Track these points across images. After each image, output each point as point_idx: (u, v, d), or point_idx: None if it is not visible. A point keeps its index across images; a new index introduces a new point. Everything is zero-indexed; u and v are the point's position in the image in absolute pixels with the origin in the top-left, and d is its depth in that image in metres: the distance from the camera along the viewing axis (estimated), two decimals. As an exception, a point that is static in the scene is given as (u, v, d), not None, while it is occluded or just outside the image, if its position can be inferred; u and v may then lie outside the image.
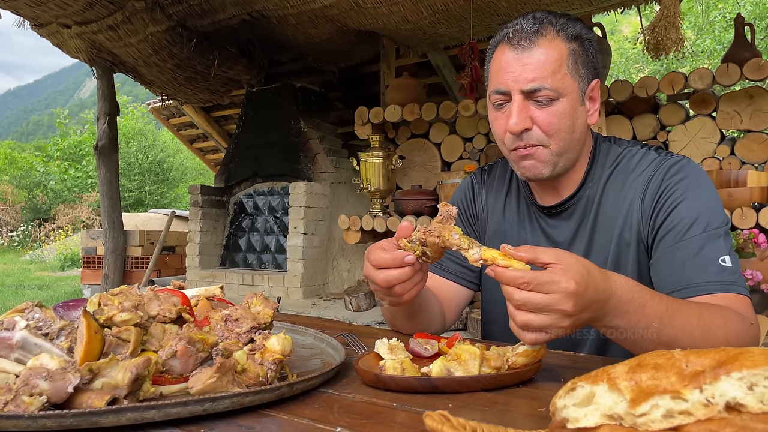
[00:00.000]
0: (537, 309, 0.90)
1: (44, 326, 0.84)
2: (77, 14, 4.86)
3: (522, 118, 1.22)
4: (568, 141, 1.26)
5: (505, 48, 1.26)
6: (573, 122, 1.25)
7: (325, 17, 4.90)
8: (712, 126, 3.81)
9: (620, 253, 1.30)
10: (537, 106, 1.23)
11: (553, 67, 1.21)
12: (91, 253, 7.58)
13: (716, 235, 1.18)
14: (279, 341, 0.90)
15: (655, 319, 1.00)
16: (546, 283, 0.89)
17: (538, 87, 1.21)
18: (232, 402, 0.78)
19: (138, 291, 0.97)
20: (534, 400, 0.88)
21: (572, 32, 1.25)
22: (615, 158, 1.36)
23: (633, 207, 1.29)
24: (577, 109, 1.26)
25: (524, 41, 1.23)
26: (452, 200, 1.61)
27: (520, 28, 1.24)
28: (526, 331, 0.92)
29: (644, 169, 1.30)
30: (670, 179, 1.25)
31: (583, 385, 0.58)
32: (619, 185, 1.33)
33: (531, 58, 1.22)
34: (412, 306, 1.28)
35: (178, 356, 0.84)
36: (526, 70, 1.22)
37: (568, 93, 1.23)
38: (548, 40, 1.23)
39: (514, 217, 1.47)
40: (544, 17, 1.25)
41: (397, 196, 4.57)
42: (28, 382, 0.73)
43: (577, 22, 1.28)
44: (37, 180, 22.94)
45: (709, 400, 0.52)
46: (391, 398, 0.88)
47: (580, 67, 1.26)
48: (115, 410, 0.71)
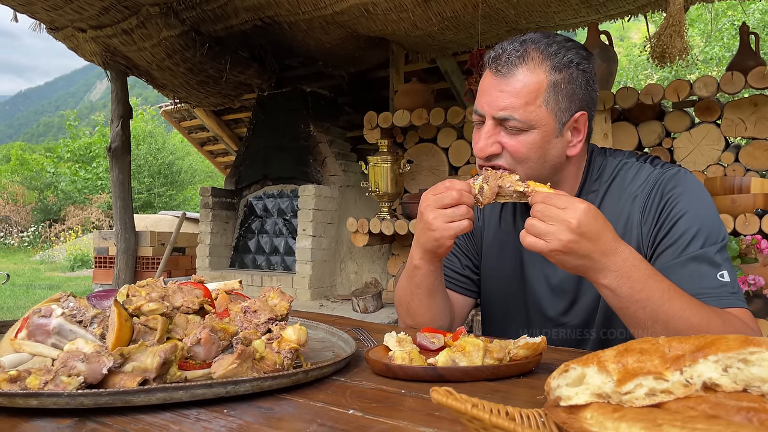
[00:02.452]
0: (546, 218, 1.03)
1: (78, 314, 0.91)
2: (92, 18, 4.94)
3: (489, 143, 1.25)
4: (538, 170, 1.27)
5: (489, 70, 1.27)
6: (543, 153, 1.25)
7: (335, 23, 4.97)
8: (717, 133, 3.85)
9: None
10: (506, 132, 1.24)
11: (527, 98, 1.21)
12: (103, 253, 7.68)
13: (714, 251, 1.20)
14: (295, 331, 0.96)
15: (656, 293, 1.05)
16: (563, 201, 1.04)
17: (507, 116, 1.21)
18: (252, 386, 0.84)
19: (163, 284, 1.03)
20: (533, 389, 0.94)
21: (561, 61, 1.23)
22: (611, 172, 1.38)
23: (632, 220, 1.31)
24: (551, 141, 1.25)
25: (504, 67, 1.22)
26: None
27: (504, 52, 1.24)
28: (529, 234, 1.06)
29: (642, 182, 1.32)
30: (671, 192, 1.27)
31: (575, 367, 0.64)
32: (616, 197, 1.35)
33: (507, 85, 1.22)
34: (434, 280, 1.36)
35: (202, 343, 0.90)
36: (500, 97, 1.22)
37: (540, 125, 1.22)
38: (529, 69, 1.21)
39: (510, 228, 1.50)
40: (534, 42, 1.24)
41: (404, 200, 4.63)
42: (67, 364, 0.79)
43: (572, 49, 1.26)
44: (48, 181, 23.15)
45: (688, 380, 0.58)
46: (400, 386, 0.94)
47: (561, 100, 1.23)
48: (146, 390, 0.78)
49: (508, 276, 1.50)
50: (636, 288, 1.04)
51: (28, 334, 0.88)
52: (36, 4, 4.66)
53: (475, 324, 4.31)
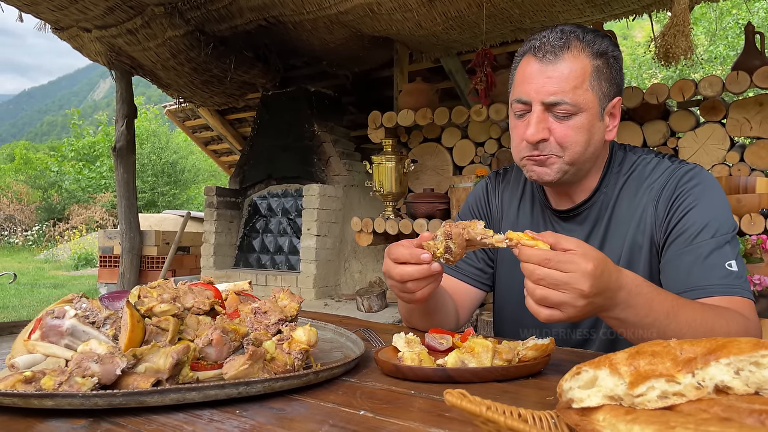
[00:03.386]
0: (555, 285, 0.96)
1: (91, 315, 0.92)
2: (97, 18, 4.96)
3: (539, 129, 1.26)
4: (581, 154, 1.30)
5: (530, 59, 1.29)
6: (589, 137, 1.28)
7: (340, 23, 4.98)
8: (722, 133, 3.85)
9: (632, 255, 1.35)
10: (555, 118, 1.26)
11: (575, 82, 1.24)
12: (107, 252, 7.70)
13: (724, 241, 1.23)
14: (305, 332, 0.96)
15: (661, 315, 1.06)
16: (566, 262, 0.96)
17: (558, 101, 1.24)
18: (264, 386, 0.85)
19: (174, 285, 1.04)
20: (542, 390, 0.94)
21: (598, 49, 1.27)
22: (630, 166, 1.40)
23: (646, 212, 1.34)
24: (595, 125, 1.29)
25: (549, 54, 1.25)
26: (466, 203, 1.66)
27: (547, 40, 1.27)
28: (542, 306, 0.98)
29: (658, 176, 1.35)
30: (684, 186, 1.30)
31: (587, 370, 0.64)
32: (633, 191, 1.37)
33: (554, 71, 1.25)
34: (428, 305, 1.35)
35: (214, 344, 0.91)
36: (548, 83, 1.25)
37: (587, 108, 1.26)
38: (573, 55, 1.25)
39: (528, 219, 1.51)
40: (572, 32, 1.28)
41: (409, 199, 4.63)
42: (81, 365, 0.80)
43: (605, 38, 1.31)
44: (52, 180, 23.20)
45: (700, 383, 0.58)
46: (409, 387, 0.94)
47: (603, 84, 1.28)
48: (160, 391, 0.78)
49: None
50: (642, 314, 1.05)
51: (41, 335, 0.89)
52: (41, 4, 4.67)
53: (480, 324, 4.31)
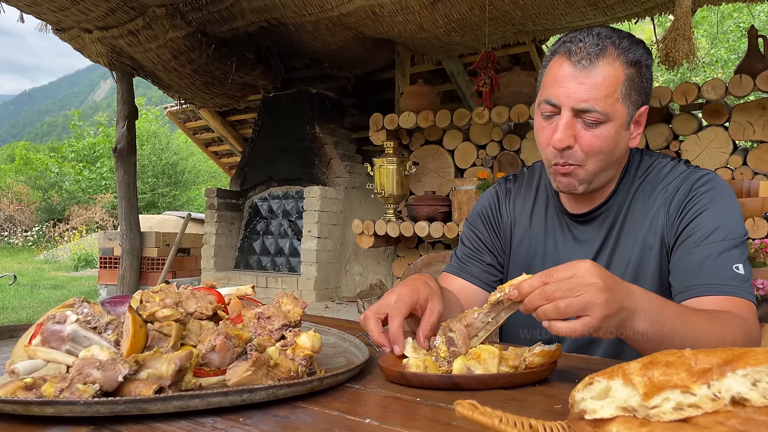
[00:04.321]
0: (570, 291, 0.92)
1: (93, 320, 0.90)
2: (99, 20, 4.95)
3: (566, 135, 1.24)
4: (606, 162, 1.28)
5: (563, 61, 1.26)
6: (614, 146, 1.27)
7: (341, 25, 4.97)
8: (725, 136, 3.84)
9: (643, 256, 1.34)
10: (583, 125, 1.25)
11: (608, 91, 1.22)
12: (107, 253, 7.68)
13: (733, 245, 1.23)
14: (309, 338, 0.95)
15: (677, 321, 1.04)
16: (565, 269, 0.94)
17: (589, 108, 1.22)
18: (268, 393, 0.83)
19: (176, 289, 1.03)
20: (550, 397, 0.93)
21: (633, 57, 1.25)
22: (646, 169, 1.40)
23: (659, 213, 1.33)
24: (621, 134, 1.27)
25: (584, 60, 1.23)
26: (475, 211, 1.64)
27: (583, 45, 1.24)
28: (570, 321, 0.93)
29: (673, 179, 1.35)
30: (697, 189, 1.30)
31: (600, 380, 0.63)
32: (647, 193, 1.37)
33: (588, 78, 1.22)
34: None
35: (217, 350, 0.89)
36: (580, 89, 1.22)
37: (616, 117, 1.24)
38: (608, 63, 1.23)
39: (542, 224, 1.50)
40: (608, 37, 1.25)
41: (410, 202, 4.63)
42: (82, 371, 0.79)
43: (640, 46, 1.28)
44: (52, 181, 23.19)
45: (716, 394, 0.57)
46: (415, 394, 0.93)
47: (633, 93, 1.26)
48: (163, 398, 0.77)
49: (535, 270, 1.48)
50: (661, 320, 1.02)
51: (42, 341, 0.87)
52: (42, 5, 4.67)
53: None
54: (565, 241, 1.45)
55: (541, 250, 1.49)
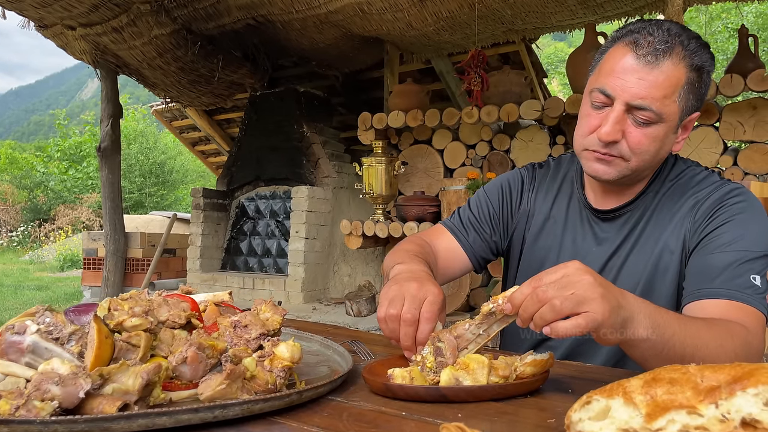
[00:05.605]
0: (563, 288, 0.88)
1: (55, 331, 0.84)
2: (82, 16, 4.87)
3: (615, 130, 1.20)
4: (649, 162, 1.26)
5: (627, 51, 1.21)
6: (660, 147, 1.24)
7: (329, 23, 4.92)
8: (716, 136, 3.82)
9: (661, 259, 1.31)
10: (633, 122, 1.21)
11: (667, 92, 1.18)
12: (92, 254, 7.57)
13: (755, 256, 1.19)
14: (288, 348, 0.90)
15: (676, 327, 1.00)
16: (555, 271, 0.91)
17: (644, 106, 1.18)
18: (242, 409, 0.78)
19: (147, 296, 0.97)
20: (542, 410, 0.88)
21: (698, 61, 1.21)
22: (678, 173, 1.37)
23: (685, 218, 1.30)
24: (669, 136, 1.24)
25: (650, 56, 1.18)
26: (497, 181, 1.58)
27: (652, 39, 1.19)
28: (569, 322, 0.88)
29: (705, 187, 1.31)
30: (729, 199, 1.27)
31: (599, 399, 0.58)
32: (676, 198, 1.34)
33: (650, 75, 1.18)
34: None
35: (188, 362, 0.84)
36: (640, 85, 1.18)
37: (668, 120, 1.21)
38: (673, 63, 1.18)
39: (562, 216, 1.46)
40: (678, 35, 1.20)
41: (399, 202, 4.58)
42: (40, 387, 0.73)
43: (706, 50, 1.24)
44: (38, 180, 22.94)
45: (724, 415, 0.52)
46: (400, 407, 0.88)
47: (690, 98, 1.22)
48: (127, 416, 0.71)
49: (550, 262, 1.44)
50: (661, 324, 0.98)
51: (0, 353, 0.82)
52: (24, 0, 4.58)
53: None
54: (584, 236, 1.41)
55: (558, 242, 1.44)
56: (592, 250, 1.38)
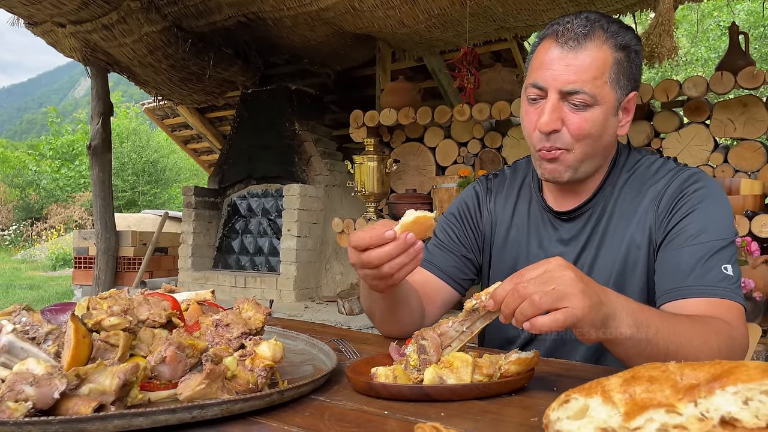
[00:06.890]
0: (543, 284, 0.88)
1: (31, 330, 0.83)
2: (72, 13, 4.83)
3: (553, 118, 1.21)
4: (593, 148, 1.26)
5: (551, 44, 1.24)
6: (602, 131, 1.24)
7: (321, 20, 4.90)
8: (706, 134, 3.82)
9: (630, 254, 1.30)
10: (571, 108, 1.22)
11: (595, 73, 1.20)
12: (82, 253, 7.53)
13: (722, 245, 1.19)
14: (270, 347, 0.88)
15: (659, 325, 1.00)
16: (536, 267, 0.91)
17: (576, 90, 1.20)
18: (221, 409, 0.77)
19: (128, 295, 0.96)
20: (526, 409, 0.87)
21: (622, 41, 1.23)
22: (633, 164, 1.37)
23: (648, 211, 1.30)
24: (609, 119, 1.25)
25: (572, 41, 1.21)
26: (454, 205, 1.58)
27: (571, 26, 1.22)
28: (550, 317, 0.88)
29: (662, 176, 1.32)
30: (689, 187, 1.27)
31: (577, 398, 0.57)
32: (636, 190, 1.34)
33: (575, 59, 1.20)
34: (392, 296, 1.27)
35: (167, 362, 0.83)
36: (567, 70, 1.20)
37: (604, 101, 1.22)
38: (596, 45, 1.21)
39: (525, 222, 1.45)
40: (597, 20, 1.24)
41: (391, 200, 4.57)
42: (14, 388, 0.71)
43: (629, 31, 1.27)
44: (30, 179, 22.79)
45: (703, 414, 0.52)
46: (383, 406, 0.87)
47: (622, 78, 1.24)
48: (102, 417, 0.70)
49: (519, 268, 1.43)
50: (644, 322, 0.98)
51: (-25, 353, 0.80)
52: (13, -3, 4.54)
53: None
54: (549, 238, 1.40)
55: (525, 249, 1.44)
56: (559, 251, 1.37)
